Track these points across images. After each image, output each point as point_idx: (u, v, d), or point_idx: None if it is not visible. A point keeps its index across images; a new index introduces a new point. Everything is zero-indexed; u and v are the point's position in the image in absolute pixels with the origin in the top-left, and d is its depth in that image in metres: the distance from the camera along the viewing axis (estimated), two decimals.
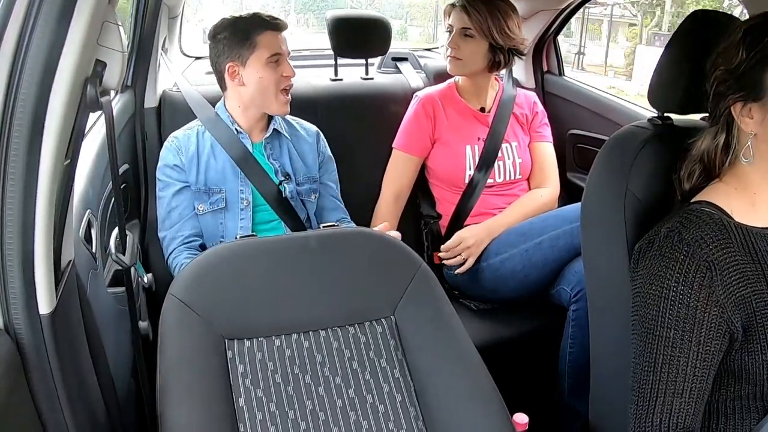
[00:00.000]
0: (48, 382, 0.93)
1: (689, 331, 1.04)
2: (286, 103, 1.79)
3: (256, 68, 1.74)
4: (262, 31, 1.74)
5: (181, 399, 1.16)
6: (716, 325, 1.04)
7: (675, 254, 1.06)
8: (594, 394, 1.37)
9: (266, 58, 1.74)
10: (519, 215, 1.99)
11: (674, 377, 1.06)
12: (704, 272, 1.04)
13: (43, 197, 0.87)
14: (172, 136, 1.83)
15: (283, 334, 1.28)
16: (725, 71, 1.07)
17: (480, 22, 1.95)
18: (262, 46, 1.74)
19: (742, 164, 1.09)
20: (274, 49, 1.75)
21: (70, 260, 1.03)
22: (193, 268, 1.31)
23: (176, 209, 1.78)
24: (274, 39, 1.76)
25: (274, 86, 1.76)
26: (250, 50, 1.74)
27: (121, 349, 1.45)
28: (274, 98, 1.77)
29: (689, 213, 1.09)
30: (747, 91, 1.05)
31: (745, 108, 1.06)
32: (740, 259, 1.05)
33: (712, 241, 1.05)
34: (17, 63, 0.83)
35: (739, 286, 1.04)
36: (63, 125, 0.87)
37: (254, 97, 1.78)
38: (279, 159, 1.84)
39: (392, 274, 1.37)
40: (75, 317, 1.03)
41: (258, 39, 1.74)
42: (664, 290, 1.06)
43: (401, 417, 1.23)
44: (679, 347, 1.05)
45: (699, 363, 1.05)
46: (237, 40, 1.74)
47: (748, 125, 1.06)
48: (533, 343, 1.90)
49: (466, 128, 2.06)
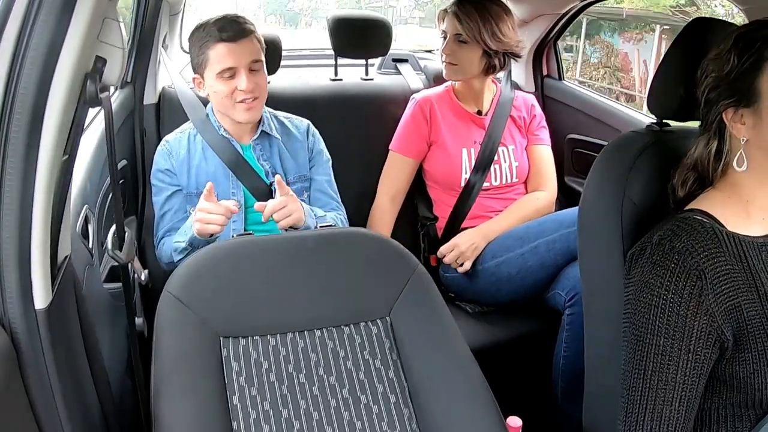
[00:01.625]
0: (43, 376, 0.93)
1: (679, 339, 1.05)
2: (247, 110, 1.72)
3: (210, 82, 1.70)
4: (213, 45, 1.66)
5: (176, 396, 1.16)
6: (706, 334, 1.04)
7: (666, 263, 1.06)
8: (588, 398, 1.37)
9: (217, 73, 1.68)
10: (516, 219, 1.98)
11: (664, 385, 1.06)
12: (694, 281, 1.04)
13: (41, 192, 0.88)
14: (164, 140, 1.82)
15: (278, 333, 1.29)
16: (716, 78, 1.07)
17: (472, 28, 1.94)
18: (213, 61, 1.67)
19: (735, 171, 1.09)
20: (225, 64, 1.66)
21: (67, 255, 1.04)
22: (190, 266, 1.31)
23: (169, 212, 1.79)
24: (226, 52, 1.66)
25: (229, 99, 1.70)
26: (204, 64, 1.69)
27: (116, 344, 1.44)
28: (233, 108, 1.72)
29: (681, 221, 1.09)
30: (738, 97, 1.05)
31: (736, 114, 1.06)
32: (731, 269, 1.05)
33: (703, 250, 1.05)
34: (17, 58, 0.83)
35: (730, 295, 1.04)
36: (62, 120, 0.87)
37: (218, 108, 1.77)
38: (269, 160, 1.82)
39: (389, 275, 1.37)
40: (71, 312, 1.03)
41: (209, 53, 1.67)
42: (654, 298, 1.06)
43: (395, 417, 1.23)
44: (669, 355, 1.05)
45: (689, 371, 1.05)
46: (195, 53, 1.70)
47: (740, 131, 1.06)
48: (528, 347, 1.90)
49: (463, 131, 2.06)
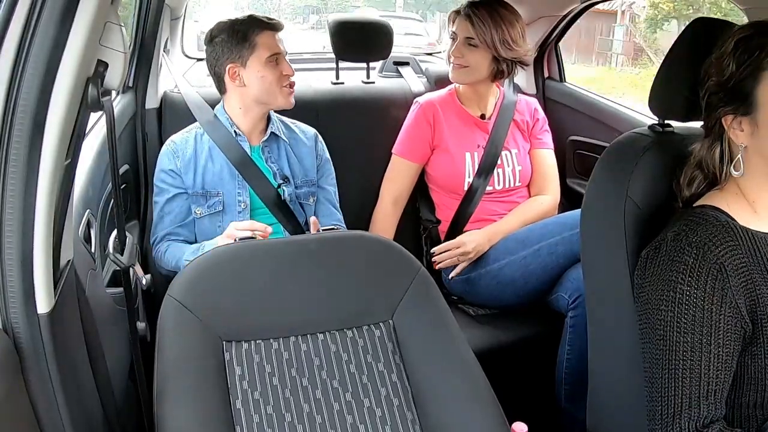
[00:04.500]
0: (45, 381, 0.92)
1: (707, 334, 1.03)
2: (290, 95, 1.82)
3: (256, 68, 1.76)
4: (260, 32, 1.76)
5: (178, 400, 1.16)
6: (732, 325, 1.03)
7: (684, 257, 1.04)
8: (591, 401, 1.37)
9: (266, 57, 1.76)
10: (519, 222, 1.98)
11: (698, 381, 1.03)
12: (716, 274, 1.03)
13: (43, 196, 0.87)
14: (170, 140, 1.83)
15: (281, 337, 1.28)
16: (716, 83, 1.06)
17: (484, 33, 1.94)
18: (261, 46, 1.76)
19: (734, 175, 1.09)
20: (273, 49, 1.77)
21: (69, 260, 1.03)
22: (192, 270, 1.31)
23: (169, 215, 1.79)
24: (272, 39, 1.78)
25: (277, 83, 1.78)
26: (250, 51, 1.76)
27: (118, 349, 1.44)
28: (279, 92, 1.80)
29: (696, 216, 1.08)
30: (737, 105, 1.04)
31: (735, 120, 1.05)
32: (748, 261, 1.04)
33: (721, 243, 1.04)
34: (19, 62, 0.83)
35: (747, 287, 1.03)
36: (64, 125, 0.87)
37: (258, 96, 1.79)
38: (277, 162, 1.84)
39: (391, 278, 1.37)
40: (73, 317, 1.03)
41: (257, 39, 1.76)
42: (677, 295, 1.04)
43: (398, 421, 1.23)
44: (699, 351, 1.03)
45: (721, 365, 1.03)
46: (236, 42, 1.76)
47: (738, 137, 1.06)
48: (531, 350, 1.89)
49: (466, 135, 2.06)
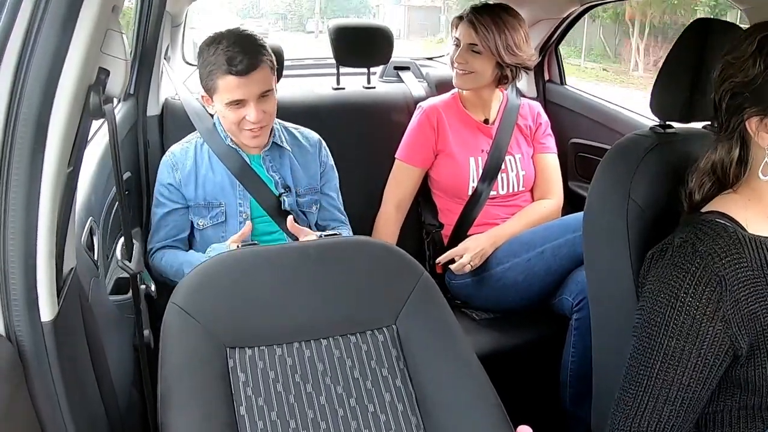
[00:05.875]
0: (49, 389, 0.92)
1: (691, 342, 1.04)
2: (253, 138, 1.70)
3: (219, 106, 1.68)
4: (222, 75, 1.61)
5: (183, 407, 1.16)
6: (719, 340, 1.03)
7: (687, 265, 1.04)
8: (596, 403, 1.36)
9: (225, 102, 1.65)
10: (522, 225, 1.98)
11: (668, 385, 1.05)
12: (714, 286, 1.02)
13: (46, 204, 0.87)
14: (170, 151, 1.81)
15: (284, 343, 1.28)
16: (739, 84, 1.03)
17: (487, 39, 1.93)
18: (222, 90, 1.63)
19: (759, 179, 1.06)
20: (233, 96, 1.62)
21: (72, 267, 1.03)
22: (195, 277, 1.31)
23: (165, 228, 1.79)
24: (235, 85, 1.61)
25: (237, 126, 1.68)
26: (213, 90, 1.65)
27: (122, 357, 1.44)
28: (240, 135, 1.70)
29: (704, 224, 1.07)
30: (765, 105, 1.01)
31: (762, 123, 1.03)
32: (752, 275, 1.03)
33: (726, 255, 1.03)
34: (21, 69, 0.83)
35: (748, 301, 1.03)
36: (66, 132, 0.87)
37: (226, 129, 1.75)
38: (279, 171, 1.81)
39: (394, 283, 1.36)
40: (77, 324, 1.03)
41: (218, 82, 1.62)
42: (672, 299, 1.05)
43: (402, 426, 1.22)
44: (678, 358, 1.04)
45: (696, 374, 1.04)
46: (203, 74, 1.66)
47: (765, 140, 1.03)
48: (535, 353, 1.89)
49: (470, 140, 2.06)
